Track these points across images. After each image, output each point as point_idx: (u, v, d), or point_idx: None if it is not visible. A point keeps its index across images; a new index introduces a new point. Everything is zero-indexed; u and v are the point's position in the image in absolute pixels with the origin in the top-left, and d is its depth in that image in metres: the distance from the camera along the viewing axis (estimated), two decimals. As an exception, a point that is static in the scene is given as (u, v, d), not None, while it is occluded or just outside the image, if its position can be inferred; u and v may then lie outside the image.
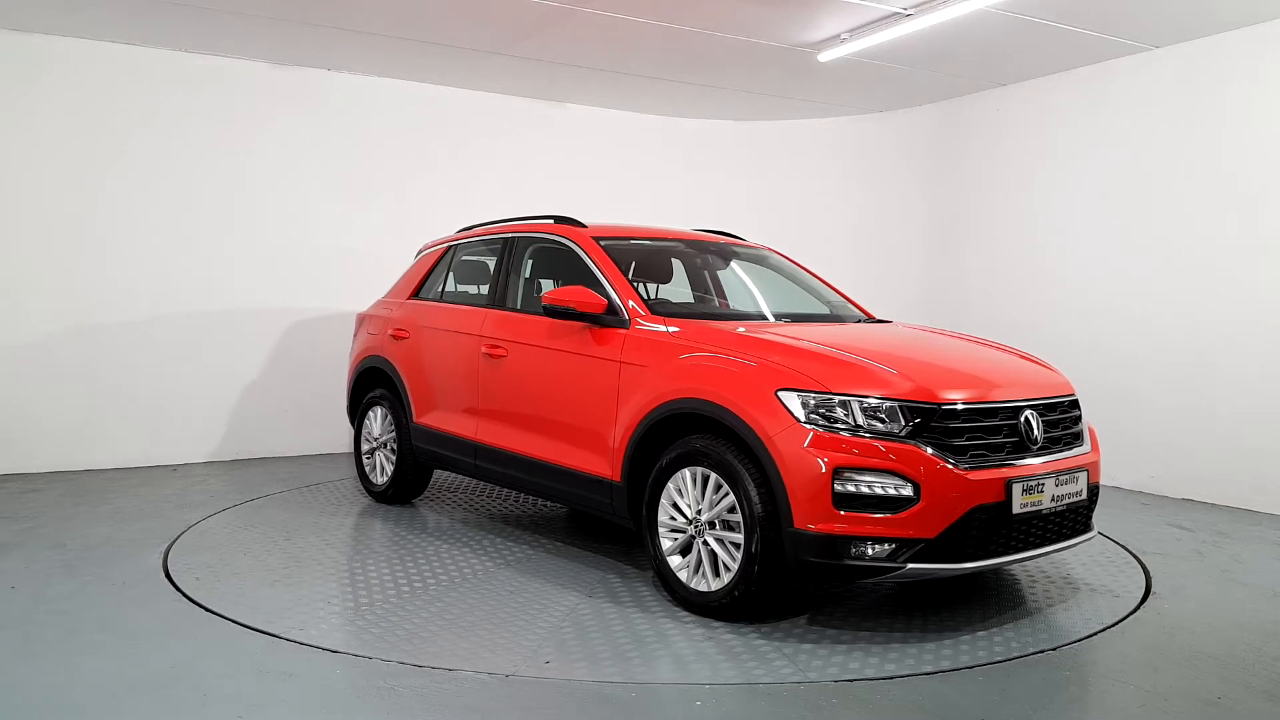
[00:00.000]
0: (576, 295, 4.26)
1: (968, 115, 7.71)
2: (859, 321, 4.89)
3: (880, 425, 3.43)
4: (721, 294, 5.19)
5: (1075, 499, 3.77)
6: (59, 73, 6.45)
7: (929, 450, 3.40)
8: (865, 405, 3.45)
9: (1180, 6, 5.59)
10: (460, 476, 6.36)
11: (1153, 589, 4.24)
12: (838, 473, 3.34)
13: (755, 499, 3.49)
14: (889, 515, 3.33)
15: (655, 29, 6.03)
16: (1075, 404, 4.05)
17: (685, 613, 3.78)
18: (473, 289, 5.50)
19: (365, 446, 5.83)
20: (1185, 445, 6.22)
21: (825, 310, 4.99)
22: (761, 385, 3.57)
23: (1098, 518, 4.17)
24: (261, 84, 7.08)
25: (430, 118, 7.70)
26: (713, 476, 3.67)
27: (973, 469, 3.44)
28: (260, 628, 3.55)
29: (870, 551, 3.35)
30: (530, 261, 5.10)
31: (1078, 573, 4.48)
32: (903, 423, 3.44)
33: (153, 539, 4.78)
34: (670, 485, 3.83)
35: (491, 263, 5.31)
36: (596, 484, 4.18)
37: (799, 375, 3.55)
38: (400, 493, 5.60)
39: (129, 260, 6.69)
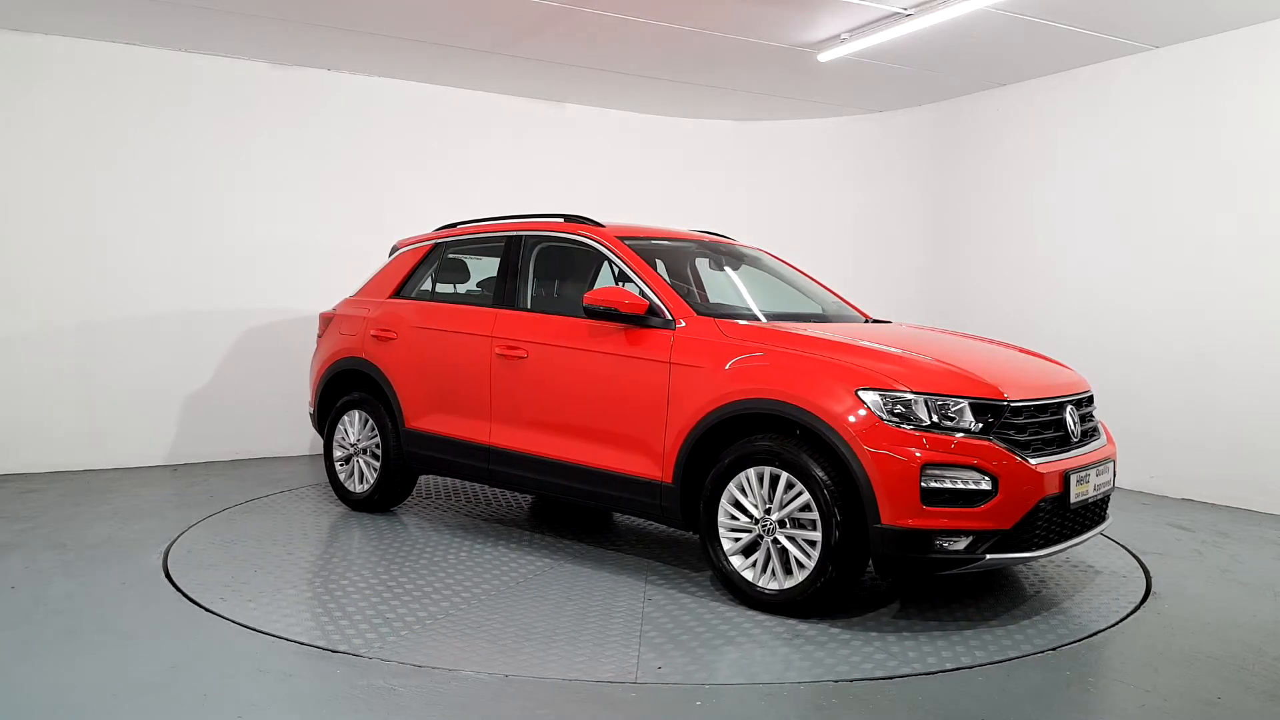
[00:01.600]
0: (619, 296, 4.21)
1: (968, 115, 7.71)
2: (865, 322, 4.90)
3: (954, 423, 3.56)
4: (735, 294, 5.15)
5: (1107, 488, 4.02)
6: (59, 73, 6.44)
7: (1002, 446, 3.54)
8: (942, 403, 3.57)
9: (1180, 6, 5.59)
10: (434, 481, 6.33)
11: (1153, 589, 4.24)
12: (924, 469, 3.45)
13: (836, 497, 3.56)
14: (969, 509, 3.47)
15: (655, 29, 6.03)
16: (1092, 399, 4.26)
17: (750, 610, 3.83)
18: (469, 288, 5.41)
19: (339, 453, 5.53)
20: (1185, 445, 6.22)
21: (830, 310, 4.99)
22: (840, 385, 3.63)
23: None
24: (261, 84, 7.08)
25: (430, 118, 7.70)
26: (784, 475, 3.70)
27: (1037, 463, 3.62)
28: (260, 628, 3.55)
29: (953, 545, 3.49)
30: (545, 261, 5.01)
31: (1078, 573, 4.48)
32: (974, 420, 3.57)
33: (153, 539, 4.78)
34: (731, 486, 3.84)
35: (488, 261, 5.23)
36: (643, 486, 4.14)
37: (877, 375, 3.63)
38: (384, 499, 5.36)
39: (128, 260, 6.69)
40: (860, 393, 3.58)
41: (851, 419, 3.55)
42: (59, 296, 6.50)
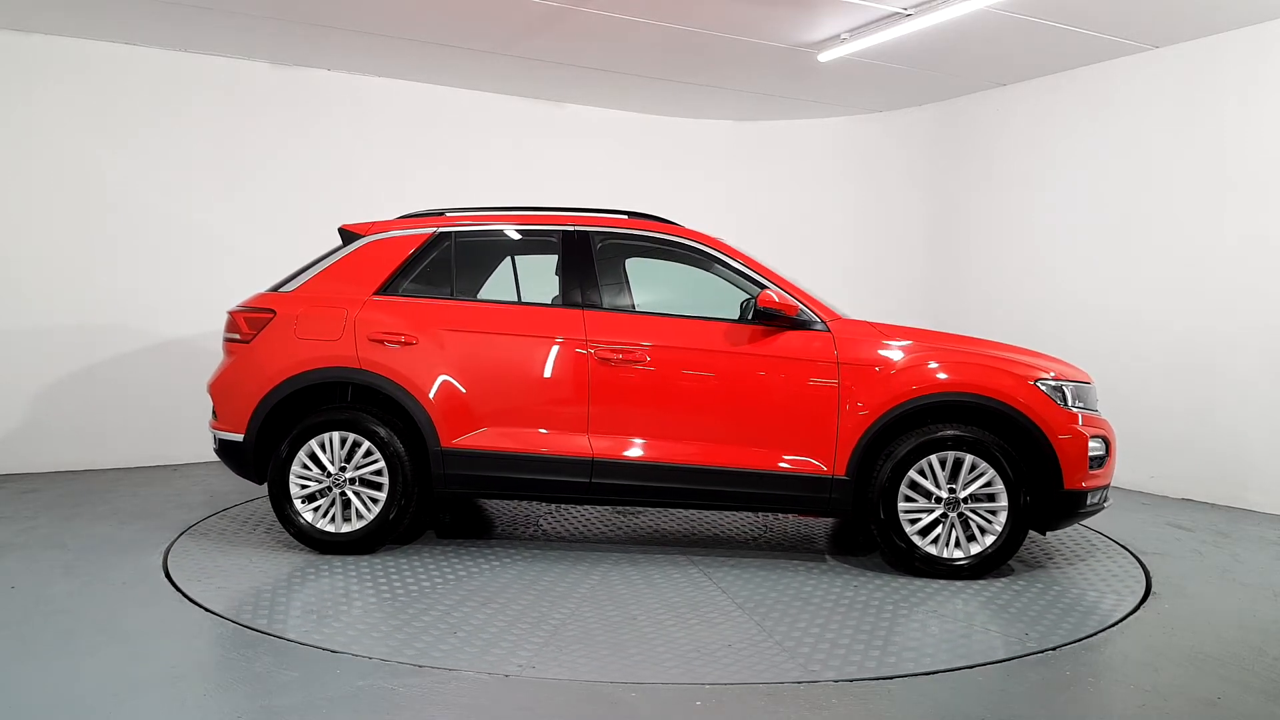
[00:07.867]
0: (779, 300, 4.45)
1: (968, 115, 7.71)
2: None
3: (1083, 403, 4.44)
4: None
5: None
6: (59, 73, 6.45)
7: (1104, 419, 4.55)
8: (1079, 388, 4.45)
9: (1180, 6, 5.59)
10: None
11: (1153, 589, 4.25)
12: (1091, 442, 4.33)
13: (1021, 472, 4.27)
14: (1100, 470, 4.41)
15: (655, 29, 6.03)
16: None
17: (936, 583, 4.28)
18: (504, 286, 5.12)
19: (304, 488, 4.56)
20: (1185, 445, 6.22)
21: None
22: (1020, 377, 4.36)
23: (1100, 518, 5.21)
24: (261, 84, 7.08)
25: (430, 118, 7.70)
26: (968, 458, 4.29)
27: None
28: (260, 628, 3.55)
29: (1095, 499, 4.40)
30: (619, 260, 4.97)
31: (1078, 572, 4.49)
32: (1081, 400, 4.44)
33: (153, 539, 4.78)
34: (911, 472, 4.32)
35: (529, 257, 5.07)
36: (809, 482, 4.41)
37: (1039, 368, 4.42)
38: (386, 536, 4.57)
39: (129, 260, 6.70)
40: (1035, 384, 4.33)
41: (1040, 406, 4.29)
42: (59, 296, 6.50)
